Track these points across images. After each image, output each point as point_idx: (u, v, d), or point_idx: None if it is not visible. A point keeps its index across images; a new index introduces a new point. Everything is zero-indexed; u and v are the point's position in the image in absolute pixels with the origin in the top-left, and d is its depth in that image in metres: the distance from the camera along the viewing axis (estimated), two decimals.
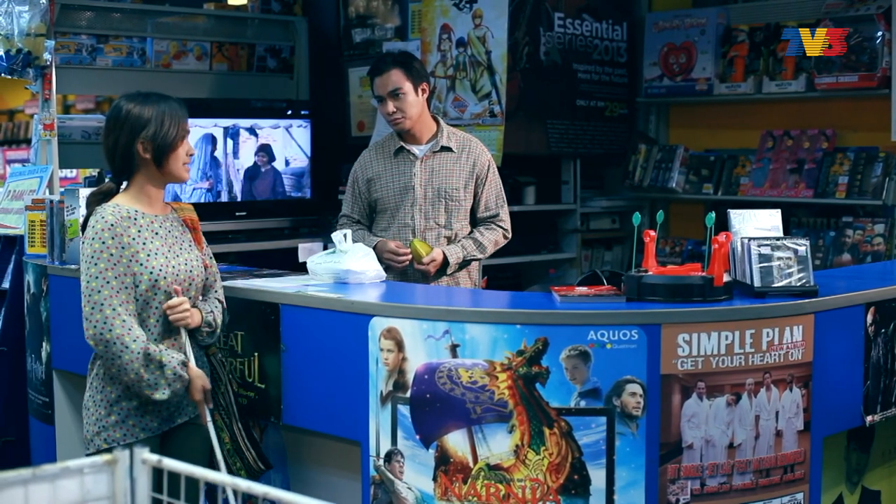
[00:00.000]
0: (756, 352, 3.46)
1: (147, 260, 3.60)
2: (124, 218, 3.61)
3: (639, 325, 3.37)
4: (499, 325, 3.41)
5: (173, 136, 3.65)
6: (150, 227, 3.67)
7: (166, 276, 3.64)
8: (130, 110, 3.65)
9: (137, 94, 3.72)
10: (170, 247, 3.70)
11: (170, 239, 3.72)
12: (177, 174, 3.73)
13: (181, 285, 3.68)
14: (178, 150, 3.69)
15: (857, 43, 6.04)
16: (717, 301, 3.49)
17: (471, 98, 6.35)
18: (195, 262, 3.78)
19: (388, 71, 4.74)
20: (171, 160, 3.68)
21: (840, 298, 3.75)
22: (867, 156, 6.25)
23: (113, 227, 3.57)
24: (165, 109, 3.66)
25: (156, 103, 3.66)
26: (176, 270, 3.68)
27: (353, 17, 7.19)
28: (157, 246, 3.66)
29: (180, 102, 3.74)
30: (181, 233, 3.80)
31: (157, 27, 6.94)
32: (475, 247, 4.81)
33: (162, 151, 3.65)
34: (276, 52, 7.40)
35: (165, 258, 3.66)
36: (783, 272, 3.62)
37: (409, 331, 3.53)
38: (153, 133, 3.62)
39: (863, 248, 6.20)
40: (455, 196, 4.79)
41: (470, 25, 6.32)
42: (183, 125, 3.70)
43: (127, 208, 3.65)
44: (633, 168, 7.23)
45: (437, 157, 4.80)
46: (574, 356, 3.37)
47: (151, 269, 3.61)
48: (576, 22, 6.84)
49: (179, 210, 3.87)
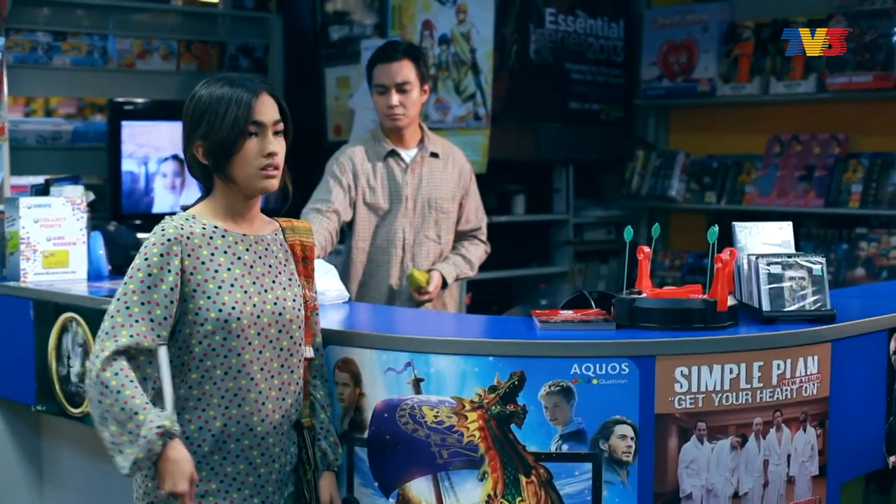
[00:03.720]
0: (765, 387, 3.21)
1: (217, 293, 2.83)
2: (194, 235, 2.84)
3: (630, 357, 3.10)
4: (468, 356, 3.15)
5: (227, 134, 2.81)
6: (231, 250, 2.89)
7: (241, 315, 2.84)
8: (191, 100, 2.89)
9: (217, 78, 2.90)
10: (256, 277, 2.91)
11: (259, 267, 2.93)
12: (247, 184, 2.87)
13: (262, 328, 2.89)
14: (243, 152, 2.83)
15: (872, 40, 6.03)
16: (721, 328, 3.23)
17: (454, 99, 6.31)
18: (291, 302, 2.97)
19: (399, 60, 4.51)
20: (236, 166, 2.84)
21: (860, 324, 3.48)
22: (882, 162, 6.18)
23: (170, 242, 2.80)
24: (228, 96, 2.82)
25: (223, 87, 2.85)
26: (258, 310, 2.88)
27: (330, 13, 7.16)
28: (237, 275, 2.88)
29: (255, 83, 2.90)
30: (281, 261, 3.00)
31: (120, 24, 6.88)
32: (465, 263, 4.69)
33: (220, 155, 2.84)
34: (249, 50, 7.42)
35: (245, 293, 2.87)
36: (796, 294, 3.37)
37: (367, 362, 3.26)
38: (205, 132, 2.82)
39: (878, 263, 6.12)
40: (445, 208, 4.64)
41: (453, 21, 6.30)
42: (249, 114, 2.83)
43: (204, 223, 2.89)
44: (630, 175, 7.19)
45: (426, 165, 4.61)
46: (555, 393, 3.11)
47: (221, 306, 2.82)
48: (569, 18, 6.78)
49: (290, 231, 3.08)
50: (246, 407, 2.89)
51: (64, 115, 11.03)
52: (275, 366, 2.94)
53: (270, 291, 2.94)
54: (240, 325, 2.85)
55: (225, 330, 2.84)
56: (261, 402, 2.91)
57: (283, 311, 2.95)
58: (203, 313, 2.82)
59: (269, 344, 2.91)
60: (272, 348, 2.93)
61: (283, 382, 2.97)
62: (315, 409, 3.13)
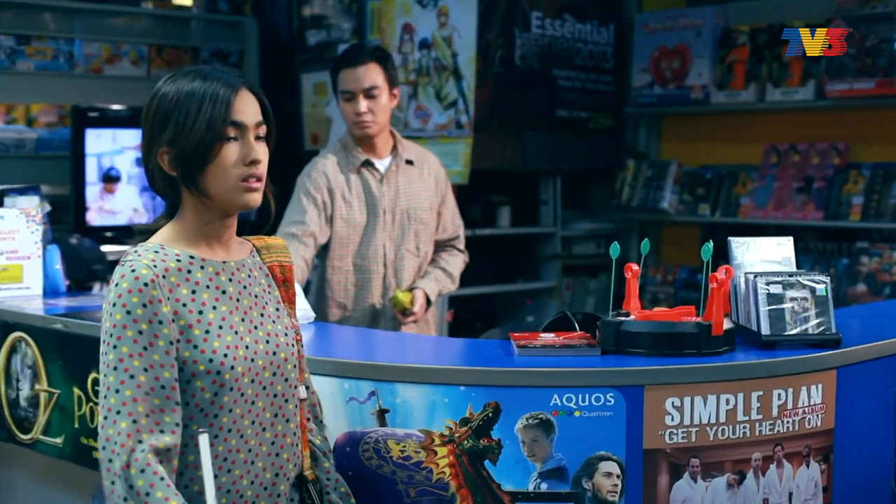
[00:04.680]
0: (764, 419, 3.12)
1: (205, 339, 2.42)
2: (170, 271, 2.41)
3: (616, 386, 3.01)
4: (438, 385, 3.06)
5: (200, 138, 2.40)
6: (213, 283, 2.48)
7: (234, 363, 2.43)
8: (154, 98, 2.47)
9: (186, 71, 2.50)
10: (244, 313, 2.52)
11: (245, 300, 2.53)
12: (225, 199, 2.45)
13: (255, 375, 2.49)
14: (219, 160, 2.42)
15: (874, 45, 6.01)
16: (716, 355, 3.14)
17: (435, 107, 6.26)
18: (283, 337, 2.58)
19: (365, 64, 4.39)
20: (210, 178, 2.43)
21: (868, 349, 3.36)
22: (885, 173, 6.15)
23: (147, 287, 2.36)
24: (200, 91, 2.42)
25: (193, 81, 2.45)
26: (250, 352, 2.48)
27: (307, 17, 7.17)
28: (224, 314, 2.47)
29: (233, 76, 2.50)
30: (265, 288, 2.61)
31: (88, 27, 6.83)
32: (446, 277, 4.60)
33: (191, 164, 2.42)
34: (223, 56, 7.34)
35: (236, 334, 2.47)
36: (798, 317, 3.29)
37: (328, 391, 3.15)
38: (172, 136, 2.41)
39: (880, 279, 6.08)
40: (424, 218, 4.54)
41: (434, 25, 6.25)
42: (226, 114, 2.42)
43: (177, 253, 2.46)
44: (621, 186, 7.18)
45: (401, 174, 4.50)
46: (533, 426, 3.01)
47: (212, 355, 2.41)
48: (556, 22, 6.75)
49: (265, 250, 2.68)
50: (235, 471, 2.47)
51: (45, 124, 11.18)
52: (267, 416, 2.53)
53: (261, 328, 2.54)
54: (234, 376, 2.43)
55: (217, 384, 2.41)
56: (250, 461, 2.49)
57: (276, 349, 2.55)
58: (190, 367, 2.39)
59: (263, 391, 2.50)
60: (265, 396, 2.52)
61: (276, 435, 2.55)
62: (317, 458, 2.77)
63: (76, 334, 3.71)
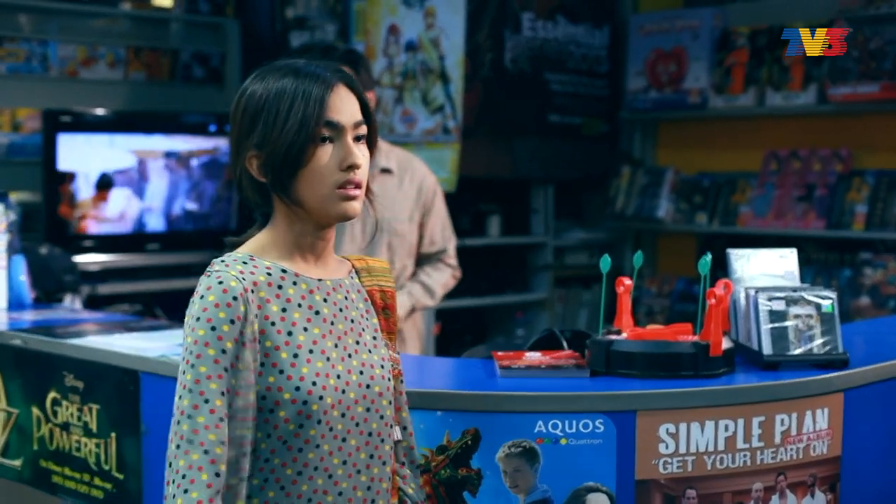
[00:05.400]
0: (766, 446, 3.02)
1: (293, 364, 2.20)
2: (259, 284, 2.21)
3: (606, 412, 2.91)
4: (413, 410, 2.86)
5: (292, 141, 2.19)
6: (306, 302, 2.27)
7: (324, 393, 2.21)
8: (241, 97, 2.28)
9: (276, 66, 2.29)
10: (338, 338, 2.29)
11: (340, 324, 2.31)
12: (320, 208, 2.24)
13: (347, 408, 2.27)
14: (313, 165, 2.21)
15: (878, 48, 5.97)
16: (714, 377, 3.06)
17: (421, 111, 6.25)
18: (379, 369, 2.36)
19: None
20: (304, 184, 2.22)
21: (877, 370, 3.28)
22: (889, 181, 6.15)
23: (237, 301, 2.17)
24: (292, 89, 2.22)
25: (284, 77, 2.24)
26: (342, 383, 2.26)
27: (290, 19, 7.17)
28: (316, 337, 2.26)
29: (329, 71, 2.28)
30: (362, 314, 2.39)
31: (63, 28, 6.81)
32: (423, 292, 4.45)
33: (282, 170, 2.22)
34: (204, 58, 7.30)
35: (328, 360, 2.25)
36: (802, 335, 3.21)
37: None
38: (261, 138, 2.21)
39: (884, 291, 6.04)
40: (398, 230, 4.43)
41: (421, 26, 6.25)
42: (321, 113, 2.21)
43: (267, 266, 2.25)
44: (615, 195, 7.16)
45: (376, 182, 4.41)
46: (516, 455, 2.91)
47: (299, 382, 2.19)
48: (548, 24, 6.73)
49: (366, 273, 2.46)
50: None
51: (30, 130, 11.39)
52: (361, 457, 2.30)
53: (355, 356, 2.31)
54: (322, 407, 2.21)
55: (303, 415, 2.20)
56: None
57: (370, 381, 2.32)
58: (274, 395, 2.18)
59: (356, 428, 2.28)
60: (358, 433, 2.29)
61: (371, 479, 2.33)
62: None
63: (35, 351, 3.67)
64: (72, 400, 3.58)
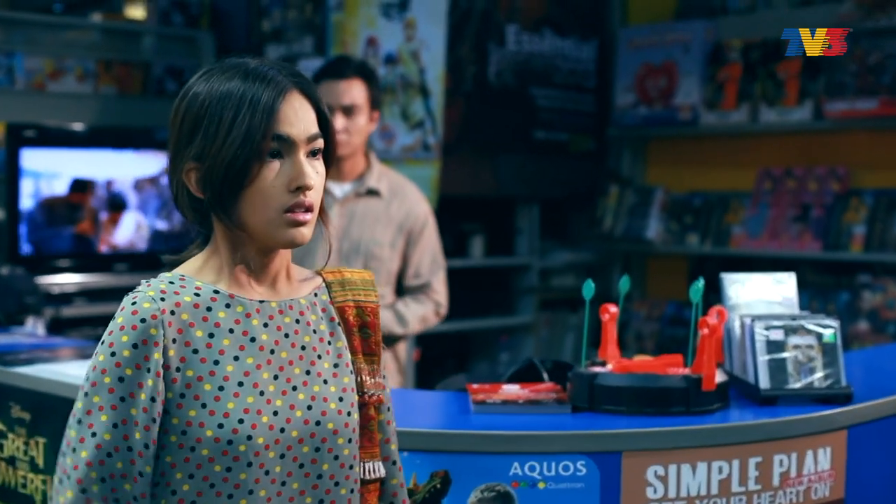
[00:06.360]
0: (764, 489, 2.93)
1: (217, 398, 1.97)
2: (182, 307, 1.97)
3: (588, 452, 2.82)
4: None
5: (234, 155, 1.95)
6: (239, 328, 2.01)
7: (253, 432, 1.97)
8: (182, 99, 2.02)
9: (225, 66, 2.03)
10: (280, 369, 2.03)
11: (285, 352, 2.04)
12: (264, 233, 1.99)
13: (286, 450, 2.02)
14: (258, 183, 1.96)
15: (877, 62, 5.94)
16: (707, 413, 2.98)
17: (400, 127, 6.17)
18: (335, 402, 2.09)
19: (349, 78, 4.27)
20: (247, 205, 1.97)
21: (883, 405, 3.21)
22: (888, 200, 6.10)
23: (146, 325, 1.94)
24: (239, 93, 1.96)
25: (232, 79, 1.98)
26: (280, 421, 2.01)
27: (266, 31, 7.08)
28: (248, 367, 2.00)
29: (282, 74, 2.01)
30: (322, 337, 2.12)
31: (29, 39, 6.72)
32: (394, 319, 4.29)
33: (222, 187, 1.97)
34: (178, 72, 7.22)
35: (261, 395, 2.00)
36: (802, 367, 3.16)
37: None
38: (200, 149, 1.96)
39: (884, 316, 5.99)
40: (377, 254, 4.33)
41: (401, 38, 6.18)
42: (269, 124, 1.95)
43: (198, 286, 2.01)
44: (603, 214, 7.10)
45: (360, 202, 4.35)
46: (489, 500, 2.81)
47: (223, 419, 1.95)
48: (534, 37, 6.70)
49: (337, 286, 2.19)
50: None
51: None
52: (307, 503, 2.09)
53: (302, 389, 2.05)
54: (252, 448, 1.97)
55: (229, 456, 1.96)
56: None
57: (321, 417, 2.06)
58: (195, 431, 1.96)
59: (299, 471, 2.03)
60: (303, 476, 2.04)
61: None
62: None
63: None
64: (18, 433, 3.49)
